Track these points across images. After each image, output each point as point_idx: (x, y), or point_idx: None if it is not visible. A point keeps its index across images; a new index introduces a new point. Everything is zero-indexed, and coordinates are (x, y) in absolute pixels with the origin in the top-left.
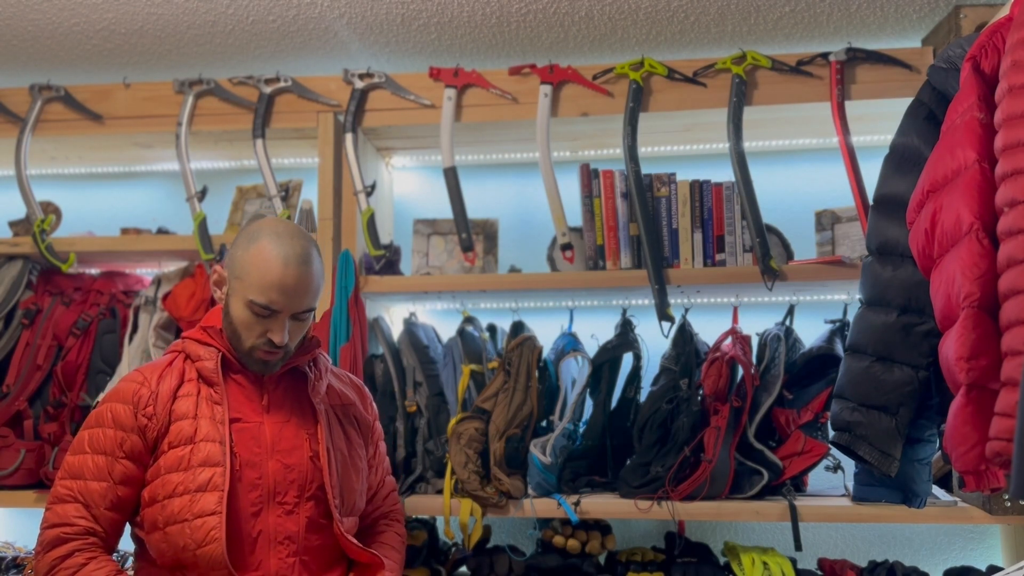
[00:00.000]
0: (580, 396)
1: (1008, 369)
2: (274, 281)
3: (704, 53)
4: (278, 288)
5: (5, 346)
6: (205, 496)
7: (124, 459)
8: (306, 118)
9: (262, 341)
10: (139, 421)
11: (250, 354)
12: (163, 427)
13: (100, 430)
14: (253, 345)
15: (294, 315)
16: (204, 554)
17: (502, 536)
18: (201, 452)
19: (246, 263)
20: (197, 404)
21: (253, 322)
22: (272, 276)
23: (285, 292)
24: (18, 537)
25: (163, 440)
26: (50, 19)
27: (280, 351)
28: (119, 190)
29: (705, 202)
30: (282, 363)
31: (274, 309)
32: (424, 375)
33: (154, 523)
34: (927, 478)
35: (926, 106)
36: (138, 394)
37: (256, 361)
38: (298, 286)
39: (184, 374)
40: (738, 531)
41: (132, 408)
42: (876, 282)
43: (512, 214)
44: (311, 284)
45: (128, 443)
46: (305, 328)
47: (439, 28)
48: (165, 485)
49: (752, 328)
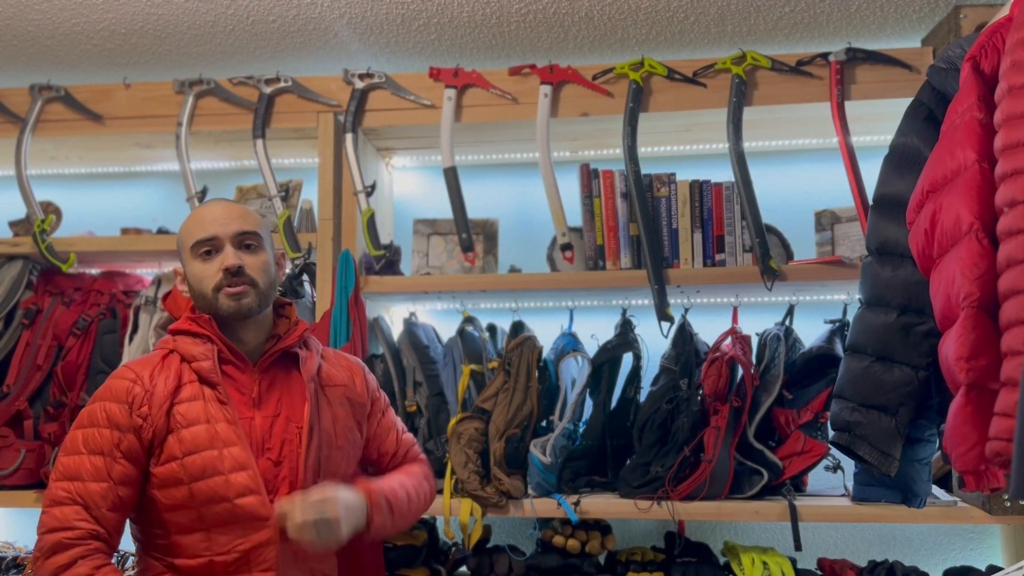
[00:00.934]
0: (580, 396)
1: (1008, 369)
2: (202, 214)
3: (704, 53)
4: (208, 217)
5: (5, 346)
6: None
7: (122, 459)
8: (306, 118)
9: (220, 277)
10: (134, 420)
11: (217, 299)
12: (161, 430)
13: (95, 430)
14: (215, 286)
15: (239, 242)
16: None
17: (502, 536)
18: (227, 460)
19: (181, 230)
20: (206, 408)
21: (205, 267)
22: (200, 212)
23: (215, 219)
24: (18, 537)
25: (164, 443)
26: (50, 19)
27: (243, 282)
28: (119, 190)
29: (705, 202)
30: (257, 303)
31: (212, 235)
32: (424, 375)
33: (177, 479)
34: (927, 478)
35: (926, 106)
36: (132, 392)
37: (227, 301)
38: (227, 211)
39: (181, 375)
40: (738, 531)
41: (127, 407)
42: (876, 282)
43: (512, 214)
44: (242, 211)
45: (125, 443)
46: (263, 263)
47: (439, 28)
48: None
49: (752, 328)
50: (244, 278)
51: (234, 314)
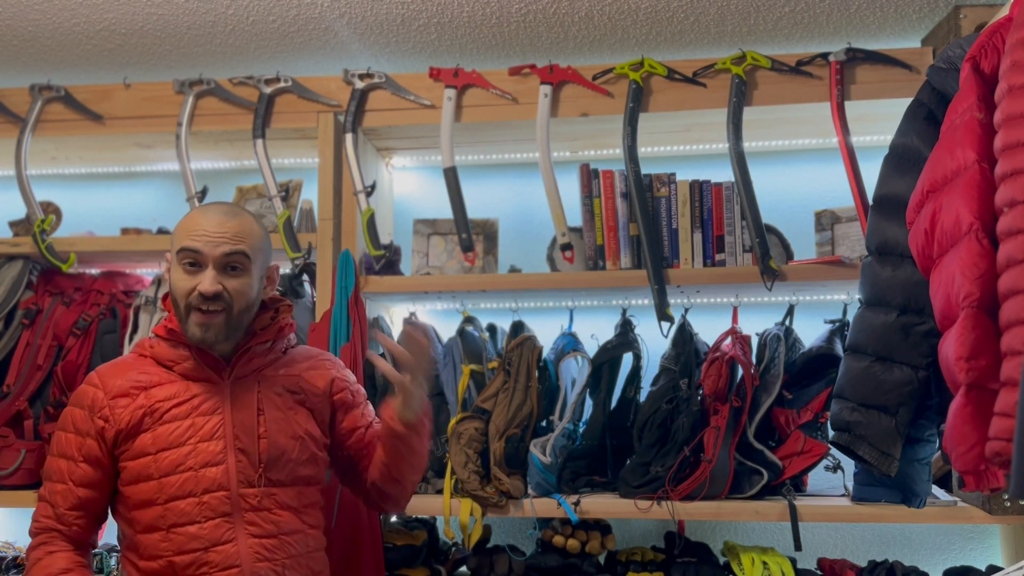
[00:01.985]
0: (580, 396)
1: (1008, 369)
2: (193, 223)
3: (704, 53)
4: (199, 228)
5: (5, 346)
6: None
7: (83, 463)
8: (306, 118)
9: (195, 297)
10: (95, 424)
11: (188, 321)
12: (127, 428)
13: (63, 434)
14: (187, 304)
15: (224, 264)
16: (206, 475)
17: (502, 536)
18: (200, 455)
19: (178, 225)
20: (182, 406)
21: (185, 280)
22: (192, 219)
23: (204, 234)
24: (18, 537)
25: (135, 440)
26: (50, 19)
27: (217, 308)
28: (119, 190)
29: (705, 202)
30: (224, 332)
31: (196, 249)
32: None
33: (147, 474)
34: (927, 478)
35: (926, 106)
36: (94, 397)
37: (194, 328)
38: (220, 227)
39: (154, 376)
40: (738, 531)
41: (87, 412)
42: (876, 282)
43: (512, 214)
44: (236, 228)
45: (85, 447)
46: (243, 286)
47: (439, 28)
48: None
49: (752, 328)
50: (219, 303)
51: (197, 342)
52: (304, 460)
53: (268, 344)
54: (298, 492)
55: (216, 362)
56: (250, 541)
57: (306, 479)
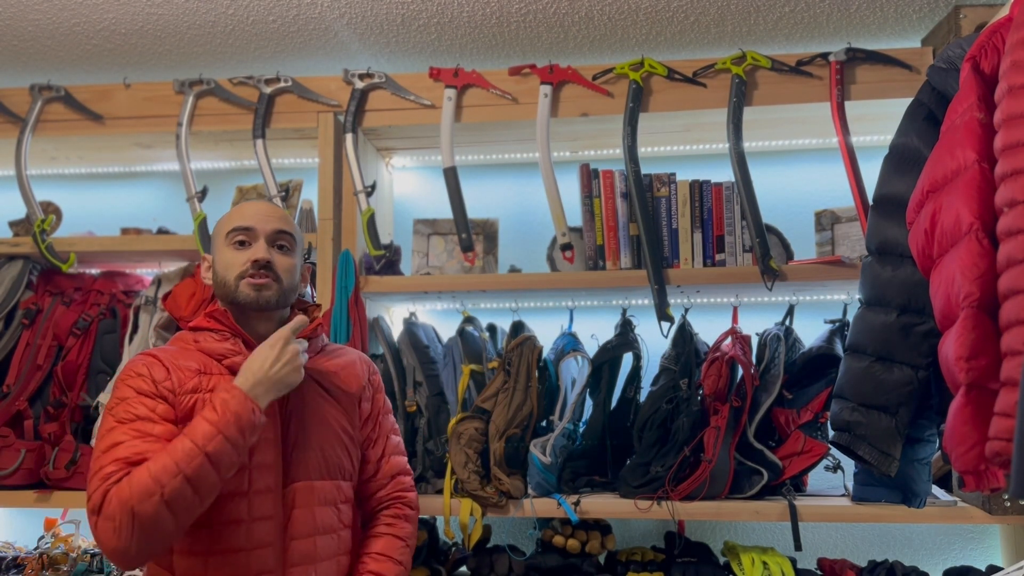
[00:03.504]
0: (580, 396)
1: (1008, 369)
2: (245, 209)
3: (704, 53)
4: (249, 212)
5: (5, 346)
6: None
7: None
8: (306, 118)
9: (247, 267)
10: (161, 391)
11: (238, 287)
12: (185, 409)
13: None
14: (240, 273)
15: (273, 240)
16: (256, 473)
17: (502, 536)
18: (250, 451)
19: (221, 219)
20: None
21: (235, 255)
22: (242, 207)
23: (256, 213)
24: (18, 537)
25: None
26: (50, 19)
27: (268, 276)
28: (119, 190)
29: (705, 202)
30: (277, 298)
31: (248, 226)
32: (424, 375)
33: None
34: (927, 478)
35: (926, 106)
36: (153, 368)
37: (247, 290)
38: (268, 210)
39: (207, 365)
40: (738, 531)
41: (151, 381)
42: (876, 282)
43: (512, 214)
44: (284, 214)
45: (160, 408)
46: (291, 265)
47: (439, 28)
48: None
49: (752, 328)
50: (270, 273)
51: (252, 303)
52: (342, 454)
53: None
54: (336, 486)
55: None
56: (290, 543)
57: (343, 473)
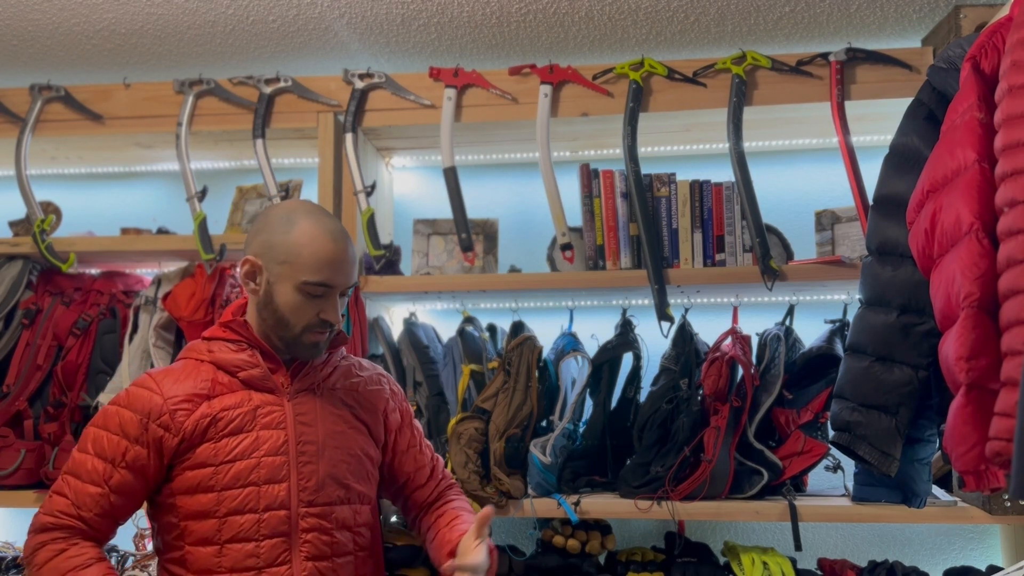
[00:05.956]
0: (580, 396)
1: (1008, 369)
2: (328, 257)
3: (704, 53)
4: (331, 263)
5: (5, 346)
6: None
7: (124, 468)
8: (306, 118)
9: (315, 323)
10: (152, 431)
11: (300, 339)
12: (191, 436)
13: (106, 434)
14: (306, 327)
15: (342, 292)
16: (269, 491)
17: (502, 536)
18: (264, 470)
19: (292, 245)
20: (250, 416)
21: (304, 304)
22: (325, 252)
23: (339, 267)
24: (18, 537)
25: (196, 450)
26: (50, 19)
27: (328, 331)
28: (119, 190)
29: (705, 202)
30: (327, 345)
31: (329, 285)
32: (424, 375)
33: (207, 486)
34: (927, 478)
35: (926, 106)
36: (150, 402)
37: (307, 346)
38: (347, 259)
39: (217, 382)
40: (738, 531)
41: (142, 419)
42: (876, 282)
43: (512, 214)
44: (352, 256)
45: (132, 453)
46: (344, 306)
47: (439, 28)
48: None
49: (752, 328)
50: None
51: (306, 357)
52: (361, 478)
53: (326, 356)
54: (354, 511)
55: (278, 367)
56: (305, 564)
57: (361, 497)
